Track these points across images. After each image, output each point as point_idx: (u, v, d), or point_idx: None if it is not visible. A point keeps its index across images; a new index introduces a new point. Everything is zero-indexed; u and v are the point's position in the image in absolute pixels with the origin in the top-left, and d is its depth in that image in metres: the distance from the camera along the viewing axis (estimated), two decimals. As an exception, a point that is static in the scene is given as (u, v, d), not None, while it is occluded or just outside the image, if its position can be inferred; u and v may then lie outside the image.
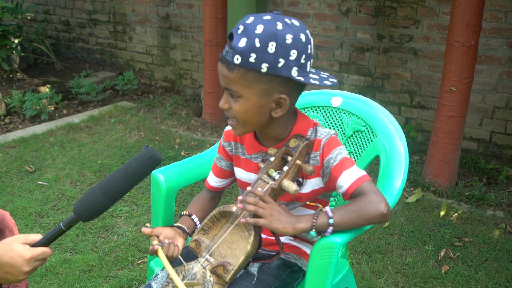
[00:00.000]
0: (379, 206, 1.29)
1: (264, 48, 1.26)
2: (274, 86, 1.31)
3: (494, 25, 3.58)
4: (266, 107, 1.34)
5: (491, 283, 2.47)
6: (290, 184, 1.33)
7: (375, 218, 1.30)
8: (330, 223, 1.29)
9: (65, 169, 3.61)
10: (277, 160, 1.39)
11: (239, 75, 1.29)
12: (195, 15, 5.03)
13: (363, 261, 2.63)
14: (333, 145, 1.40)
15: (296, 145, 1.37)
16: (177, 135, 4.22)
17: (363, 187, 1.33)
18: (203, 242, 1.43)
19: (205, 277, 1.37)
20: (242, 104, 1.33)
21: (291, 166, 1.36)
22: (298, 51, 1.29)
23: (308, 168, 1.34)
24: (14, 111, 4.70)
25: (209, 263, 1.39)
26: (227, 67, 1.30)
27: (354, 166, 1.37)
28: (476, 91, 3.70)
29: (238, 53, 1.27)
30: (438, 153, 3.26)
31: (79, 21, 6.05)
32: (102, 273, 2.54)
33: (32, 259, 1.23)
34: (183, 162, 1.83)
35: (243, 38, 1.27)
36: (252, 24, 1.27)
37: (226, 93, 1.36)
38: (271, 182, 1.35)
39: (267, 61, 1.27)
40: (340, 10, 4.19)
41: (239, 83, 1.31)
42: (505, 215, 3.04)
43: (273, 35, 1.26)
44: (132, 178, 1.27)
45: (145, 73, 5.65)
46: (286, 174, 1.35)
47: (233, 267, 1.34)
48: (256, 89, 1.31)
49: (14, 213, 3.03)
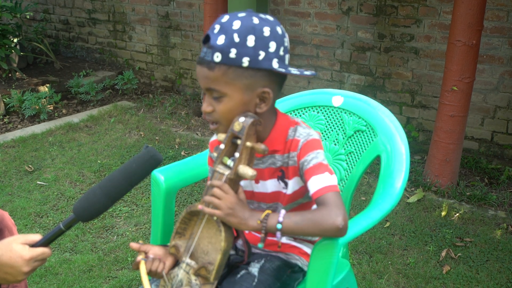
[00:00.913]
0: (336, 220, 1.24)
1: (243, 42, 1.26)
2: (256, 80, 1.30)
3: (495, 24, 3.57)
4: (251, 103, 1.33)
5: (492, 284, 2.46)
6: (246, 169, 1.28)
7: (329, 231, 1.26)
8: (277, 228, 1.26)
9: (64, 169, 3.60)
10: (228, 147, 1.32)
11: (221, 72, 1.28)
12: (195, 14, 5.02)
13: (364, 262, 2.62)
14: (311, 148, 1.36)
15: (241, 127, 1.29)
16: (177, 134, 4.21)
17: (326, 197, 1.28)
18: (181, 246, 1.40)
19: (191, 281, 1.35)
20: (226, 103, 1.31)
21: (242, 150, 1.29)
22: (276, 43, 1.29)
23: (260, 147, 1.29)
24: (13, 111, 4.69)
25: (191, 267, 1.36)
26: (208, 67, 1.29)
27: (326, 173, 1.33)
28: (477, 90, 3.69)
29: (217, 51, 1.26)
30: (439, 153, 3.25)
31: (78, 20, 6.04)
32: (102, 273, 2.53)
33: (31, 259, 1.23)
34: (183, 162, 1.83)
35: (221, 36, 1.26)
36: (228, 22, 1.28)
37: (208, 96, 1.34)
38: (226, 173, 1.30)
39: (247, 54, 1.26)
40: (341, 9, 4.18)
41: (221, 81, 1.29)
42: (507, 215, 3.03)
43: (251, 29, 1.26)
44: (132, 178, 1.27)
45: (145, 72, 5.64)
46: (239, 160, 1.29)
47: (214, 267, 1.32)
48: (239, 85, 1.29)
49: (13, 213, 3.02)
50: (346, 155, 1.78)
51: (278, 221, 1.26)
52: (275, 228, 1.27)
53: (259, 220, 1.27)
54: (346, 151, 1.77)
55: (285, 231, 1.27)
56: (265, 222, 1.27)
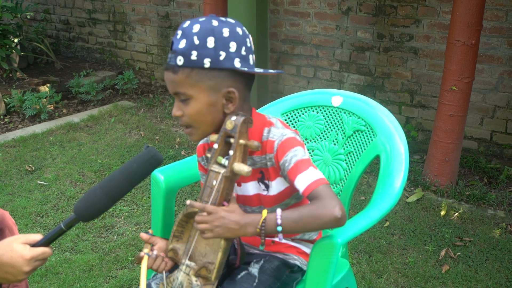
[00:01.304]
0: (333, 211, 1.24)
1: (203, 44, 1.29)
2: (220, 81, 1.32)
3: (494, 24, 3.58)
4: (217, 104, 1.34)
5: (491, 283, 2.47)
6: (241, 166, 1.30)
7: (329, 222, 1.26)
8: (278, 230, 1.27)
9: (65, 168, 3.61)
10: (221, 146, 1.35)
11: (184, 75, 1.31)
12: (195, 14, 5.03)
13: (364, 261, 2.63)
14: (287, 146, 1.36)
15: (233, 126, 1.32)
16: (177, 134, 4.22)
17: (318, 191, 1.29)
18: (179, 249, 1.41)
19: (192, 282, 1.36)
20: (193, 106, 1.34)
21: (236, 148, 1.31)
22: (237, 43, 1.31)
23: (253, 144, 1.31)
24: (13, 111, 4.69)
25: (191, 268, 1.37)
26: (172, 71, 1.32)
27: (310, 168, 1.33)
28: (476, 90, 3.70)
29: (179, 54, 1.30)
30: (439, 152, 3.26)
31: (78, 20, 6.05)
32: (102, 272, 2.54)
33: (32, 259, 1.23)
34: (183, 161, 1.83)
35: (183, 40, 1.30)
36: (189, 26, 1.31)
37: (176, 101, 1.37)
38: (222, 171, 1.31)
39: (208, 55, 1.29)
40: (340, 9, 4.19)
41: (185, 84, 1.32)
42: (506, 214, 3.04)
43: (210, 31, 1.29)
44: (133, 178, 1.27)
45: (145, 72, 5.65)
46: (234, 157, 1.31)
47: (214, 265, 1.33)
48: (203, 87, 1.32)
49: (14, 213, 3.03)
50: (345, 155, 1.78)
51: (277, 224, 1.26)
52: (275, 230, 1.27)
53: (258, 229, 1.27)
54: (346, 151, 1.78)
55: (286, 231, 1.27)
56: (264, 228, 1.27)
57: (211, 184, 1.32)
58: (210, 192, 1.32)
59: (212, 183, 1.31)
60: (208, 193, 1.32)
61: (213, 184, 1.31)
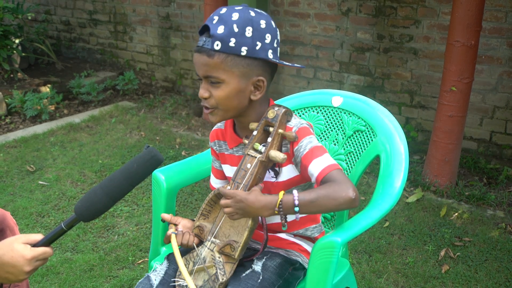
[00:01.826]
0: (348, 192, 1.30)
1: (242, 32, 1.34)
2: (252, 69, 1.39)
3: (494, 25, 3.58)
4: (246, 90, 1.41)
5: (491, 283, 2.47)
6: (277, 153, 1.37)
7: (344, 203, 1.30)
8: (296, 211, 1.31)
9: (65, 169, 3.62)
10: (260, 134, 1.43)
11: (220, 60, 1.36)
12: (195, 15, 5.03)
13: (364, 261, 2.64)
14: (304, 134, 1.43)
15: (275, 115, 1.41)
16: (178, 135, 4.22)
17: (332, 175, 1.34)
18: (206, 226, 1.48)
19: (214, 258, 1.42)
20: (223, 89, 1.39)
21: (274, 136, 1.40)
22: (271, 35, 1.39)
23: (291, 135, 1.39)
24: (15, 111, 4.70)
25: (215, 245, 1.44)
26: (207, 54, 1.36)
27: (325, 154, 1.39)
28: (476, 91, 3.70)
29: (218, 40, 1.34)
30: (438, 153, 3.26)
31: (79, 21, 6.06)
32: (103, 272, 2.55)
33: (33, 259, 1.24)
34: (184, 162, 1.84)
35: (221, 26, 1.34)
36: (227, 13, 1.35)
37: (205, 82, 1.41)
38: (258, 156, 1.39)
39: (246, 44, 1.35)
40: (340, 10, 4.20)
41: (219, 69, 1.37)
42: (505, 215, 3.05)
43: (249, 21, 1.35)
44: (133, 178, 1.28)
45: (145, 73, 5.66)
46: (271, 145, 1.39)
47: (239, 244, 1.40)
48: (236, 73, 1.37)
49: (15, 213, 3.04)
50: (345, 155, 1.79)
51: (294, 204, 1.30)
52: (293, 211, 1.32)
53: (276, 211, 1.32)
54: (346, 151, 1.79)
55: (303, 211, 1.32)
56: (281, 209, 1.31)
57: (246, 167, 1.39)
58: (244, 175, 1.39)
59: (247, 166, 1.39)
60: (242, 175, 1.39)
61: (247, 167, 1.39)
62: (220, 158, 1.60)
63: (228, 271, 1.41)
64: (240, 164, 1.40)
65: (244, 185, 1.38)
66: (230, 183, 1.41)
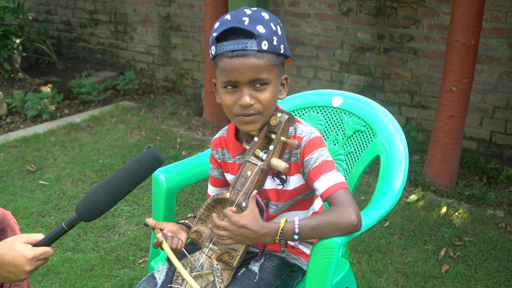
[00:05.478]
0: (350, 217, 1.28)
1: (277, 31, 1.32)
2: (281, 68, 1.37)
3: (494, 25, 3.59)
4: (278, 90, 1.39)
5: (491, 282, 2.48)
6: (279, 162, 1.34)
7: (345, 229, 1.30)
8: (295, 238, 1.30)
9: (66, 168, 3.62)
10: (261, 140, 1.39)
11: (267, 60, 1.31)
12: (196, 15, 5.04)
13: (364, 261, 2.64)
14: (315, 145, 1.39)
15: (277, 122, 1.36)
16: (178, 134, 4.23)
17: (338, 196, 1.32)
18: (204, 232, 1.45)
19: (212, 265, 1.40)
20: (270, 91, 1.34)
21: (276, 143, 1.36)
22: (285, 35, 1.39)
23: (293, 143, 1.34)
24: (15, 111, 4.71)
25: (213, 252, 1.41)
26: (255, 56, 1.28)
27: (333, 170, 1.36)
28: (476, 90, 3.71)
29: (264, 39, 1.29)
30: (438, 152, 3.27)
31: (80, 21, 6.06)
32: (104, 272, 2.55)
33: (34, 258, 1.24)
34: (184, 161, 1.84)
35: (259, 25, 1.29)
36: (256, 14, 1.31)
37: (248, 88, 1.32)
38: (259, 163, 1.35)
39: (282, 42, 1.34)
40: (340, 10, 4.20)
41: (267, 69, 1.32)
42: (505, 214, 3.05)
43: (277, 20, 1.34)
44: (134, 178, 1.28)
45: (146, 73, 5.66)
46: (273, 152, 1.36)
47: (238, 252, 1.38)
48: (276, 72, 1.35)
49: (16, 213, 3.04)
50: (345, 155, 1.79)
51: (294, 232, 1.29)
52: (292, 239, 1.31)
53: (276, 239, 1.31)
54: (346, 151, 1.79)
55: (303, 238, 1.31)
56: (282, 237, 1.30)
57: (246, 175, 1.36)
58: (244, 182, 1.36)
59: (247, 173, 1.36)
60: (242, 182, 1.37)
61: (248, 174, 1.36)
62: (222, 167, 1.58)
63: (226, 279, 1.39)
64: (241, 171, 1.38)
65: (244, 193, 1.36)
66: (230, 189, 1.38)
